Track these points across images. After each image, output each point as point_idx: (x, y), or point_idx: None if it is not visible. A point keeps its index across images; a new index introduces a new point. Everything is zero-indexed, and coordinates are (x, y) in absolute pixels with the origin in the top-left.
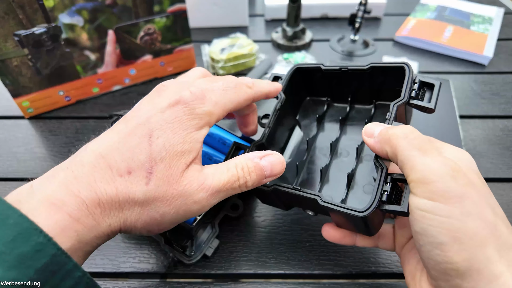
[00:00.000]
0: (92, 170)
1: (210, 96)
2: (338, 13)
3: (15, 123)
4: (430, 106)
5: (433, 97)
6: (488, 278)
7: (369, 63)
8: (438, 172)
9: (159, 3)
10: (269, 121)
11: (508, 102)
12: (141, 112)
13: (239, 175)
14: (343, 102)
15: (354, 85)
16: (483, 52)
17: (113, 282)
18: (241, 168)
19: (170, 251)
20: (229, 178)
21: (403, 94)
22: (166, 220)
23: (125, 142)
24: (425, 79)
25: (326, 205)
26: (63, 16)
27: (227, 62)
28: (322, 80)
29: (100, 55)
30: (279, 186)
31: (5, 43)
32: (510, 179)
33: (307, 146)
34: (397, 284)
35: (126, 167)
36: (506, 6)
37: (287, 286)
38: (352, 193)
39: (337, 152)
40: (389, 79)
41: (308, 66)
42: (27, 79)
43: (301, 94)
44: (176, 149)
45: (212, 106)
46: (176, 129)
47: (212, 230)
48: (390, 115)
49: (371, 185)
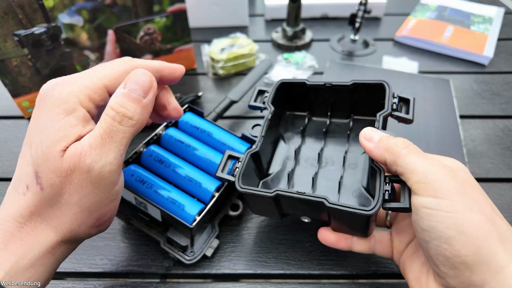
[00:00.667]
0: (5, 198)
1: (69, 78)
2: (338, 13)
3: (15, 123)
4: (409, 117)
5: (410, 109)
6: (495, 270)
7: (352, 80)
8: (438, 173)
9: (159, 3)
10: (262, 130)
11: (508, 102)
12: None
13: (111, 115)
14: (322, 116)
15: (335, 100)
16: (483, 52)
17: (113, 282)
18: (110, 109)
19: (170, 251)
20: (104, 126)
21: (387, 106)
22: (86, 204)
23: (19, 162)
24: (402, 94)
25: (333, 206)
26: (63, 16)
27: (227, 62)
28: (304, 95)
29: (100, 55)
30: (282, 191)
31: (5, 43)
32: (510, 179)
33: (295, 155)
34: (397, 284)
35: (25, 183)
36: (506, 6)
37: (287, 286)
38: (343, 198)
39: (323, 161)
40: (368, 95)
41: (293, 82)
42: (27, 79)
43: (283, 109)
44: (47, 144)
45: (73, 87)
46: (42, 127)
47: (212, 230)
48: (378, 124)
49: (359, 190)
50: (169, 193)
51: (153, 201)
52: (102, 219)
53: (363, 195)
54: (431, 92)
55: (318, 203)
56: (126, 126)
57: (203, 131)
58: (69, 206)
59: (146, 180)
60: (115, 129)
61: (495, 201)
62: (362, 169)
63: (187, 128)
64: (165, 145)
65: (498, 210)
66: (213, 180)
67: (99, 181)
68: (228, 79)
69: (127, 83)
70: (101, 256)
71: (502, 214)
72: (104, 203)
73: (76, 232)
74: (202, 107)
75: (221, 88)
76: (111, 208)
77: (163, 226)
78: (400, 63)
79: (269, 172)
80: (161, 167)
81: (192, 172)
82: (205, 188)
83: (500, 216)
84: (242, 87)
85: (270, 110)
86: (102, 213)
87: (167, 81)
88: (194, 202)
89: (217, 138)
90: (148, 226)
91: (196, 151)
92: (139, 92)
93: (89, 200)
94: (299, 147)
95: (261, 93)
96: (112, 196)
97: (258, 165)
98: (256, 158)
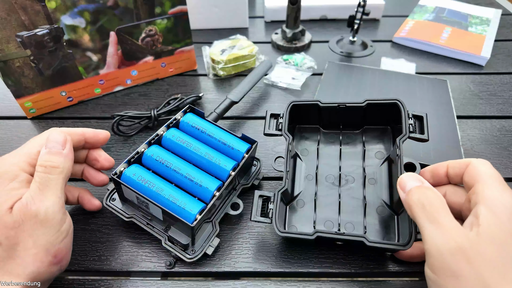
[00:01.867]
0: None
1: (10, 154)
2: (337, 15)
3: (18, 123)
4: (425, 137)
5: (424, 128)
6: None
7: (365, 100)
8: (440, 248)
9: (160, 4)
10: (286, 165)
11: (506, 102)
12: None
13: (41, 170)
14: (334, 129)
15: (347, 116)
16: (480, 53)
17: (115, 281)
18: (39, 166)
19: (171, 249)
20: (38, 179)
21: (404, 130)
22: (41, 244)
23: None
24: (415, 112)
25: (373, 245)
26: (65, 17)
27: (228, 63)
28: (316, 112)
29: (102, 56)
30: (322, 232)
31: (8, 44)
32: (508, 179)
33: (315, 178)
34: (396, 283)
35: None
36: (504, 8)
37: (286, 284)
38: (369, 218)
39: (343, 179)
40: (380, 109)
41: (305, 103)
42: (30, 80)
43: (294, 123)
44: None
45: (13, 158)
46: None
47: (213, 229)
48: (399, 152)
49: (382, 206)
50: (170, 193)
51: (155, 201)
52: (59, 256)
53: (387, 212)
54: (428, 92)
55: (358, 242)
56: (55, 175)
57: (203, 131)
58: (27, 251)
59: (147, 179)
60: (47, 178)
61: None
62: (382, 184)
63: (188, 128)
64: (166, 146)
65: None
66: (213, 179)
67: (46, 222)
68: (229, 80)
69: (46, 144)
70: (102, 254)
71: None
72: (57, 240)
73: (38, 272)
74: (203, 108)
75: (222, 89)
76: (66, 244)
77: (164, 225)
78: (398, 64)
79: (294, 195)
80: (162, 167)
81: (193, 172)
82: (205, 188)
83: None
84: (242, 88)
85: (289, 140)
86: (57, 250)
87: (93, 143)
88: (195, 202)
89: (218, 138)
90: (149, 225)
91: (197, 151)
92: (58, 147)
93: (43, 240)
94: (317, 166)
95: (274, 117)
96: (62, 233)
97: (285, 195)
98: (287, 195)
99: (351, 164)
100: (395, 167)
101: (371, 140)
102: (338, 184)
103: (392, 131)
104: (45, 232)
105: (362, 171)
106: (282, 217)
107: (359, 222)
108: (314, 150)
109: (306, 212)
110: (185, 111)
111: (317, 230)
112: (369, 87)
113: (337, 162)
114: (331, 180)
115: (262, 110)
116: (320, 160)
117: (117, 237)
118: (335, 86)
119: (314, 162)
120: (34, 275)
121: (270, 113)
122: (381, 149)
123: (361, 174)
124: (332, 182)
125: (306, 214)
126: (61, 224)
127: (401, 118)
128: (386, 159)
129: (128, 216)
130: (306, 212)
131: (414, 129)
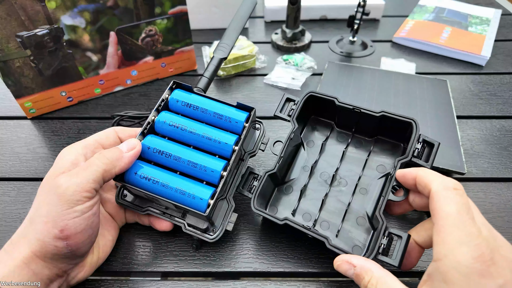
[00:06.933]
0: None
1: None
2: (337, 15)
3: (18, 123)
4: (427, 166)
5: (431, 156)
6: None
7: (381, 110)
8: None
9: (160, 5)
10: (281, 151)
11: (505, 102)
12: None
13: (95, 156)
14: (346, 129)
15: (361, 120)
16: (480, 53)
17: (115, 281)
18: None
19: (193, 234)
20: (86, 161)
21: (408, 152)
22: (51, 215)
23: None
24: (428, 138)
25: (332, 248)
26: (65, 17)
27: (227, 63)
28: (332, 107)
29: (102, 56)
30: (290, 221)
31: (8, 44)
32: (507, 179)
33: (311, 168)
34: None
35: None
36: (504, 8)
37: (286, 284)
38: (346, 224)
39: (336, 180)
40: (394, 124)
41: (322, 97)
42: (30, 80)
43: (308, 113)
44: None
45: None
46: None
47: (229, 205)
48: (394, 171)
49: (363, 218)
50: (177, 184)
51: (163, 196)
52: (65, 232)
53: (365, 224)
54: (428, 92)
55: (319, 240)
56: (100, 162)
57: (196, 107)
58: (40, 218)
59: (150, 176)
60: (91, 162)
61: (493, 201)
62: (371, 196)
63: (178, 107)
64: (161, 132)
65: None
66: (218, 160)
67: (63, 196)
68: (229, 80)
69: (124, 143)
70: None
71: (500, 213)
72: (67, 216)
73: (43, 241)
74: None
75: (222, 89)
76: (76, 223)
77: (180, 211)
78: (398, 64)
79: (286, 180)
80: (162, 158)
81: (195, 156)
82: (212, 170)
83: None
84: (229, 40)
85: (293, 128)
86: (65, 225)
87: None
88: (203, 188)
89: (213, 112)
90: (166, 214)
91: (193, 132)
92: (124, 148)
93: (54, 211)
94: (316, 160)
95: (288, 101)
96: (75, 212)
97: (275, 178)
98: (275, 177)
99: (350, 169)
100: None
101: (379, 151)
102: (329, 183)
103: (403, 150)
104: (58, 204)
105: (357, 178)
106: (267, 196)
107: (335, 225)
108: (320, 144)
109: (291, 199)
110: (171, 88)
111: (286, 217)
112: (369, 87)
113: (337, 163)
114: (325, 178)
115: (262, 110)
116: (322, 155)
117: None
118: (335, 86)
119: (316, 155)
120: (40, 244)
121: (286, 97)
122: (384, 164)
123: (355, 181)
124: (325, 180)
125: (290, 201)
126: (76, 204)
127: (410, 140)
128: (385, 175)
129: (144, 209)
130: (291, 199)
131: (419, 155)
